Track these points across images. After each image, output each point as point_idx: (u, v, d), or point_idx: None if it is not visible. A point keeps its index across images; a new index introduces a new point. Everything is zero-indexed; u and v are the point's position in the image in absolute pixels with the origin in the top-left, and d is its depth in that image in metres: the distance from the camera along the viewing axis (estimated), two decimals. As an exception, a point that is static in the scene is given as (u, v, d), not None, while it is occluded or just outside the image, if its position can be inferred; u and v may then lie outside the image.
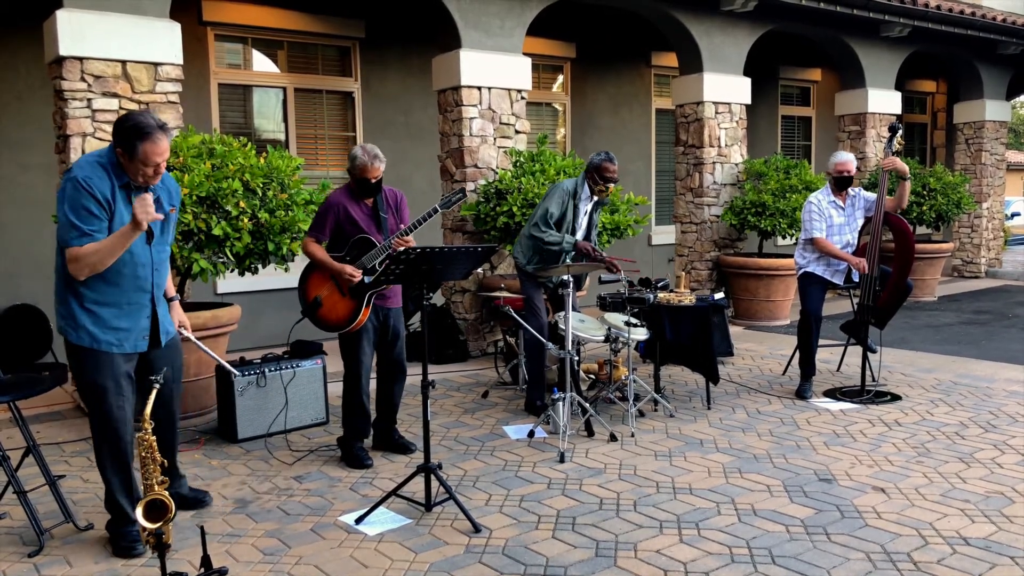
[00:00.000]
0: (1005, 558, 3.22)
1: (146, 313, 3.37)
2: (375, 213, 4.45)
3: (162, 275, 3.44)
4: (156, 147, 3.17)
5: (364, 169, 4.31)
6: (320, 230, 4.43)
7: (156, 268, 3.37)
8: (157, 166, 3.21)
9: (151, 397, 3.01)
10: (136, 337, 3.35)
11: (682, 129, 9.26)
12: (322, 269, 4.42)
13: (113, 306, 3.27)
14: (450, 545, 3.42)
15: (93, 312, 3.24)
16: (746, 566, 3.19)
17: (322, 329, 4.47)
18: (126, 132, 3.17)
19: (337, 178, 8.48)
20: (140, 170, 3.21)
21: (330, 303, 4.41)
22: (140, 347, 3.38)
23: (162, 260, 3.42)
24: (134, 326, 3.33)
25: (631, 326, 5.15)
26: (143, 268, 3.31)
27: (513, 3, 7.42)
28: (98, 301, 3.25)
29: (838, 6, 9.25)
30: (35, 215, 6.83)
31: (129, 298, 3.30)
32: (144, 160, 3.18)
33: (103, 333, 3.26)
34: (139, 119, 3.19)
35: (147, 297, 3.35)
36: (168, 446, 3.65)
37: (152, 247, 3.34)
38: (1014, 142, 33.78)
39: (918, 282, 10.22)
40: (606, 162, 5.21)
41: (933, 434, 4.86)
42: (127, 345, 3.32)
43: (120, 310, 3.29)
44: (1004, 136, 12.85)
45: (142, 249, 3.29)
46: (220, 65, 7.80)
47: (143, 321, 3.36)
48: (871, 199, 5.79)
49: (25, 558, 3.36)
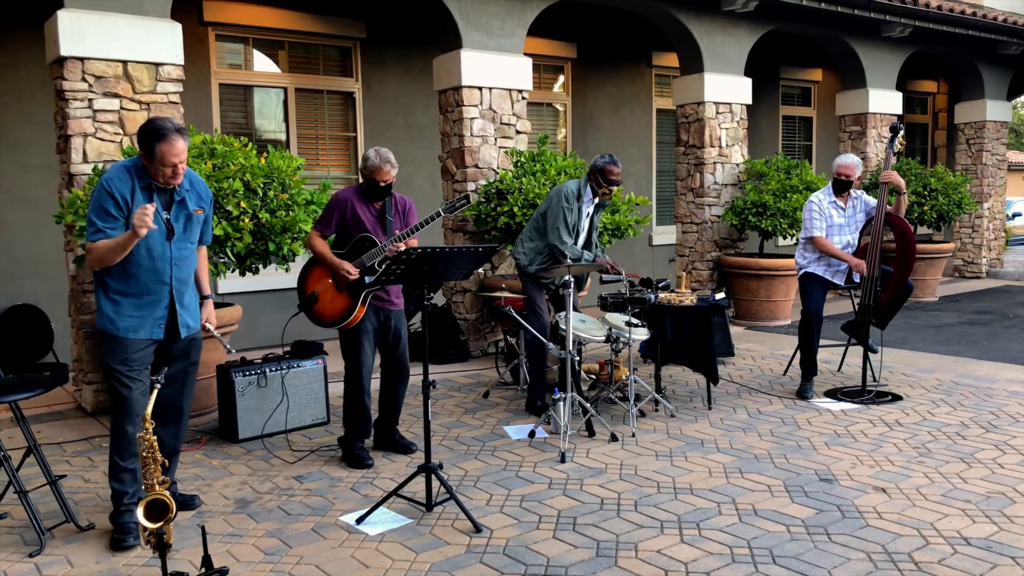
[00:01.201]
0: (1006, 558, 3.22)
1: (164, 304, 3.58)
2: (382, 216, 4.48)
3: (183, 270, 3.63)
4: (172, 148, 3.40)
5: (375, 171, 4.36)
6: (326, 224, 4.47)
7: (175, 263, 3.57)
8: (175, 167, 3.44)
9: (152, 396, 3.03)
10: (152, 325, 3.56)
11: (683, 129, 9.26)
12: (323, 264, 4.43)
13: (133, 296, 3.52)
14: (451, 545, 3.42)
15: (115, 300, 3.51)
16: (747, 566, 3.19)
17: (316, 324, 4.47)
18: (146, 135, 3.43)
19: (338, 178, 8.50)
20: (159, 170, 3.44)
21: (326, 299, 4.42)
22: (156, 335, 3.58)
23: (183, 256, 3.62)
24: (149, 315, 3.55)
25: (632, 326, 5.15)
26: (161, 262, 3.53)
27: (514, 3, 7.42)
28: (119, 291, 3.51)
29: (839, 6, 9.25)
30: (36, 215, 6.84)
31: (148, 289, 3.53)
32: (162, 160, 3.41)
33: (121, 320, 3.51)
34: (157, 122, 3.44)
35: (165, 289, 3.57)
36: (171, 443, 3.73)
37: (172, 243, 3.55)
38: (1015, 142, 33.78)
39: (919, 282, 10.21)
40: (610, 165, 5.21)
41: (934, 434, 4.86)
42: (142, 332, 3.54)
43: (139, 299, 3.53)
44: (1005, 136, 12.85)
45: (162, 245, 3.52)
46: (221, 65, 7.80)
47: (160, 311, 3.57)
48: (871, 204, 5.79)
49: (26, 558, 3.36)
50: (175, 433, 3.79)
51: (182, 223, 3.60)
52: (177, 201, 3.58)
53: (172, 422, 3.76)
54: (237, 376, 4.87)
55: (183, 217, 3.60)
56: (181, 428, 3.83)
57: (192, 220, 3.65)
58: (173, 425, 3.76)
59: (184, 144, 3.45)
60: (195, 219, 3.67)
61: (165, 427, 3.68)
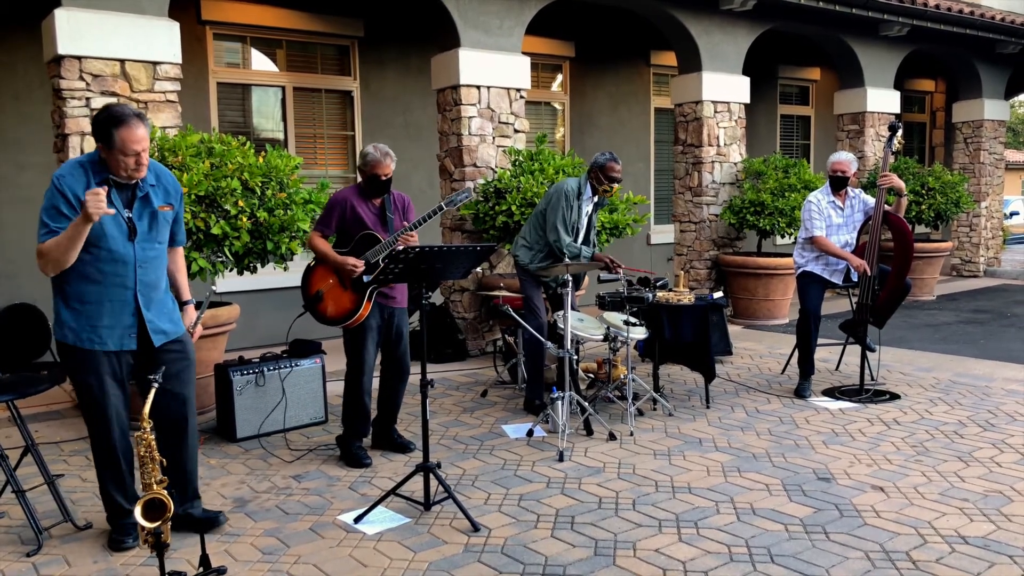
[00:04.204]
0: (1004, 557, 3.22)
1: (129, 310, 3.29)
2: (383, 213, 4.47)
3: (149, 272, 3.33)
4: (132, 133, 3.12)
5: (375, 165, 4.35)
6: (326, 225, 4.47)
7: (140, 265, 3.28)
8: (138, 155, 3.16)
9: (150, 396, 3.00)
10: (120, 335, 3.29)
11: (681, 128, 9.26)
12: (327, 263, 4.43)
13: (95, 303, 3.24)
14: (449, 544, 3.42)
15: (76, 310, 3.24)
16: (745, 565, 3.19)
17: (323, 323, 4.46)
18: (102, 123, 3.14)
19: (336, 177, 8.49)
20: (121, 161, 3.16)
21: (332, 297, 4.41)
22: (127, 345, 3.31)
23: (150, 258, 3.33)
24: (116, 323, 3.27)
25: (630, 325, 5.15)
26: (123, 265, 3.24)
27: (512, 2, 7.42)
28: (80, 299, 3.23)
29: (837, 5, 9.25)
30: (33, 215, 6.71)
31: (109, 295, 3.25)
32: (122, 149, 3.13)
33: (84, 331, 3.24)
34: (114, 109, 3.16)
35: (129, 294, 3.28)
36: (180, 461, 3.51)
37: (136, 244, 3.26)
38: (1013, 141, 33.79)
39: (917, 281, 10.22)
40: (611, 162, 5.21)
41: (932, 433, 4.86)
42: (110, 343, 3.27)
43: (101, 307, 3.24)
44: (1003, 135, 12.85)
45: (123, 246, 3.23)
46: (219, 64, 7.79)
47: (126, 318, 3.29)
48: (870, 203, 5.79)
49: (24, 557, 3.36)
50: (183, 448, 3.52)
51: (146, 221, 3.29)
52: (140, 197, 3.27)
53: (176, 435, 3.49)
54: (235, 375, 4.87)
55: (147, 215, 3.30)
56: (188, 441, 3.54)
57: (158, 218, 3.33)
58: (178, 439, 3.50)
59: (145, 131, 3.16)
60: (161, 217, 3.35)
61: (172, 443, 3.46)
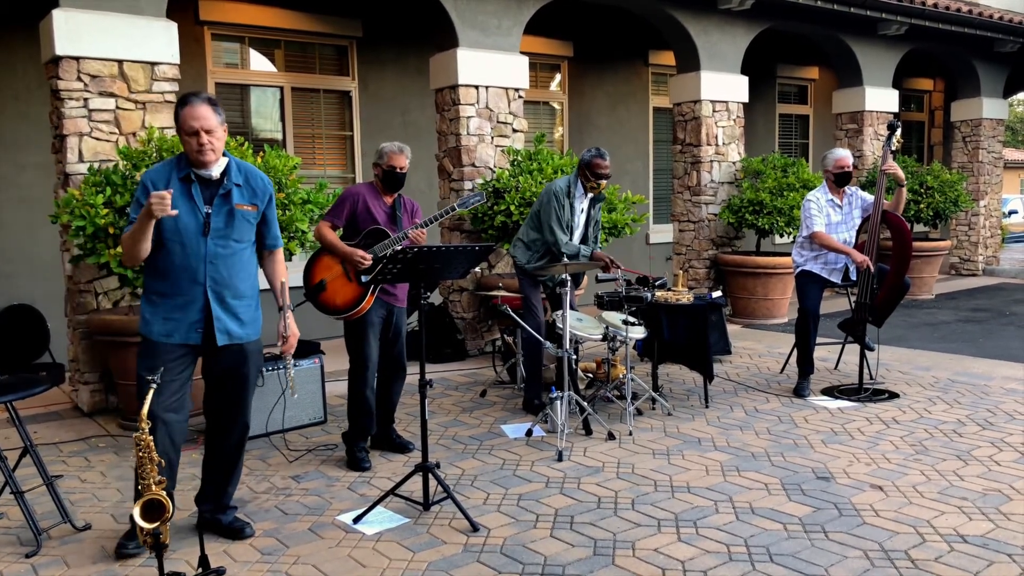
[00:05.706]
0: (1002, 555, 3.22)
1: (198, 306, 3.32)
2: (393, 212, 4.51)
3: (221, 269, 3.34)
4: (193, 110, 3.21)
5: (392, 156, 4.45)
6: (337, 215, 4.47)
7: (211, 261, 3.31)
8: (198, 134, 3.21)
9: (148, 396, 2.99)
10: (186, 329, 3.33)
11: (679, 128, 9.26)
12: (332, 253, 4.42)
13: (168, 296, 3.32)
14: (448, 544, 3.42)
15: (154, 302, 3.35)
16: (744, 564, 3.19)
17: (324, 313, 4.43)
18: (175, 109, 3.31)
19: (335, 177, 8.49)
20: (186, 142, 3.26)
21: (335, 287, 4.39)
22: (192, 339, 3.34)
23: (224, 255, 3.34)
24: (184, 318, 3.32)
25: (629, 325, 5.15)
26: (195, 259, 3.29)
27: (510, 2, 7.42)
28: (157, 292, 3.34)
29: (835, 4, 9.26)
30: (32, 215, 6.82)
31: (181, 289, 3.31)
32: (183, 126, 3.23)
33: (157, 324, 3.33)
34: (187, 93, 3.30)
35: (199, 290, 3.31)
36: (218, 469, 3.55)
37: (209, 239, 3.30)
38: (1011, 140, 33.81)
39: (915, 280, 10.22)
40: (597, 158, 5.21)
41: (931, 432, 4.87)
42: (176, 336, 3.32)
43: (173, 301, 3.32)
44: (1001, 134, 12.86)
45: (196, 242, 3.28)
46: (217, 64, 7.79)
47: (194, 314, 3.32)
48: (868, 200, 5.79)
49: (23, 558, 3.36)
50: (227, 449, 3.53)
51: (223, 218, 3.33)
52: (221, 194, 3.32)
53: (224, 437, 3.52)
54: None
55: (224, 212, 3.33)
56: (230, 445, 3.53)
57: (235, 216, 3.35)
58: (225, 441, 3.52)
59: (209, 110, 3.22)
60: (240, 215, 3.36)
61: (217, 445, 3.52)
